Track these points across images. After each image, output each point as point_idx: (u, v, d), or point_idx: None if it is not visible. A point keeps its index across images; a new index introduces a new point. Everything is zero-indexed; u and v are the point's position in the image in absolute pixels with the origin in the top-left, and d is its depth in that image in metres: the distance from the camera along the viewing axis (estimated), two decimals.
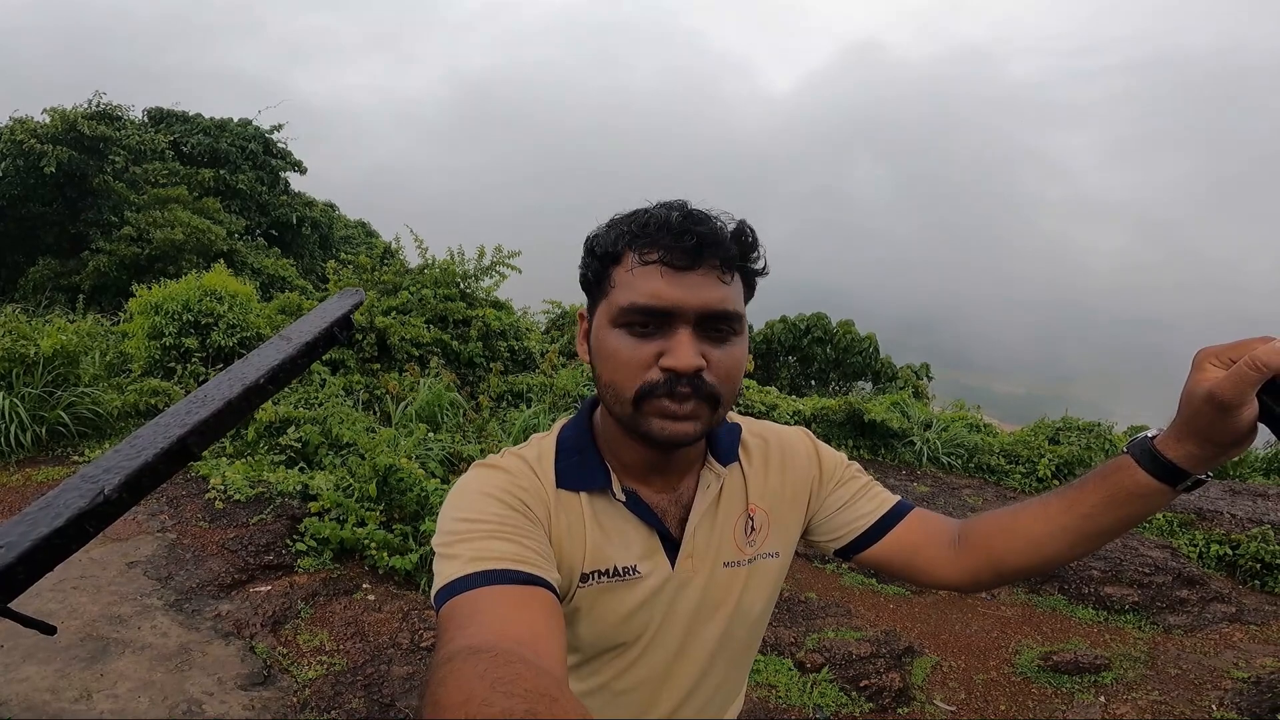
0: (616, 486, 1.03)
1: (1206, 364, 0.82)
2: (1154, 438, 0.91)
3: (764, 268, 1.00)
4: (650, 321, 0.91)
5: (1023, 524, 1.03)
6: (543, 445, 1.06)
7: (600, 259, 0.97)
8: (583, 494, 1.03)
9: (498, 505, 0.95)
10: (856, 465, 1.20)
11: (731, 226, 0.94)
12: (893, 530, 1.13)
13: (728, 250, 0.92)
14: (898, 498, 1.17)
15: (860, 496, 1.15)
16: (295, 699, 3.36)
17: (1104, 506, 0.94)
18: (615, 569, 1.02)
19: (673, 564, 1.04)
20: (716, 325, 0.92)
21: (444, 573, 0.87)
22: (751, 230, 0.96)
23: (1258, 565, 5.94)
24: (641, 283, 0.91)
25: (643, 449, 1.00)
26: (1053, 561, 1.02)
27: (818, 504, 1.16)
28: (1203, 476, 0.89)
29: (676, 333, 0.90)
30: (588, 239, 1.00)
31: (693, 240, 0.89)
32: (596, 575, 1.01)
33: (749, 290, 1.00)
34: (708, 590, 1.07)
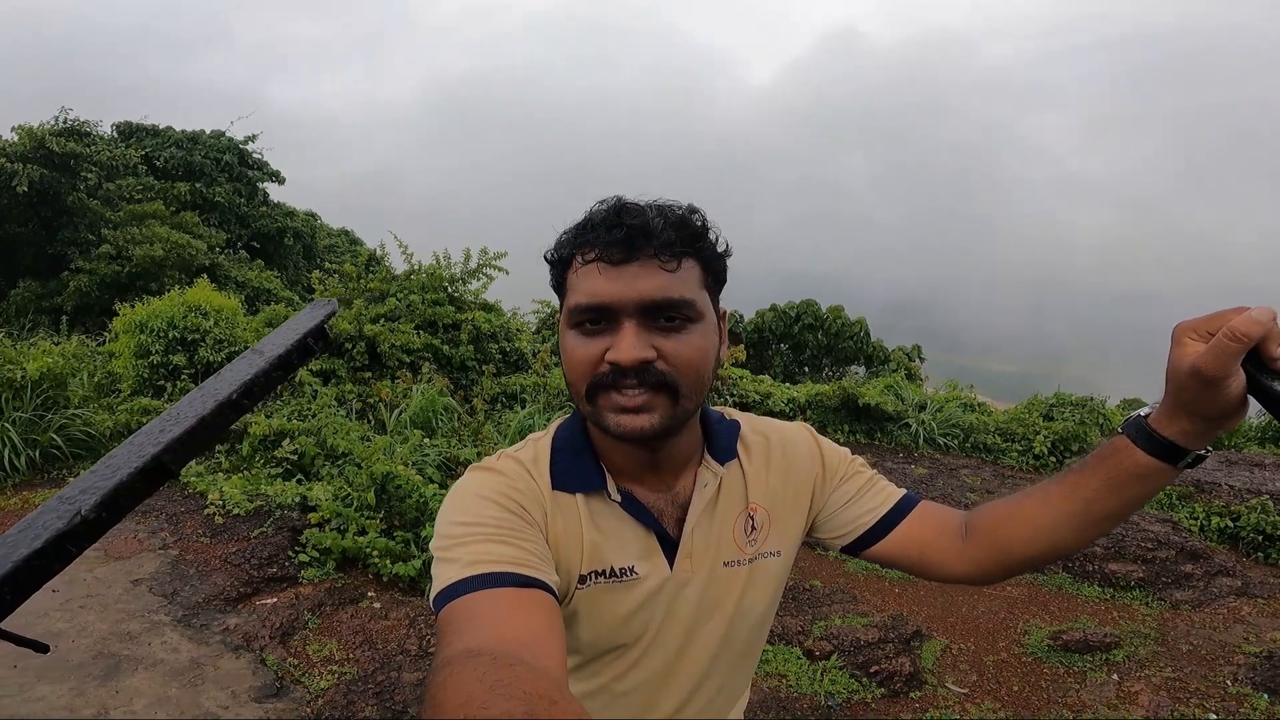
0: (611, 487, 1.02)
1: (1185, 339, 0.81)
2: (1148, 416, 0.90)
3: (726, 249, 1.00)
4: (599, 319, 0.92)
5: (1027, 513, 1.02)
6: (538, 447, 1.06)
7: (555, 266, 1.00)
8: (579, 495, 1.02)
9: (494, 508, 0.94)
10: (861, 460, 1.19)
11: (663, 213, 0.94)
12: (899, 525, 1.11)
13: (662, 237, 0.91)
14: (904, 491, 1.15)
15: (865, 492, 1.14)
16: (309, 709, 3.36)
17: (1106, 489, 0.93)
18: (613, 570, 1.01)
19: (671, 564, 1.04)
20: (664, 314, 0.92)
21: (442, 576, 0.86)
22: (698, 214, 0.96)
23: (1259, 537, 5.97)
24: (584, 282, 0.92)
25: (629, 448, 1.00)
26: (1061, 548, 1.01)
27: (822, 501, 1.14)
28: (1202, 452, 0.88)
29: (620, 326, 0.91)
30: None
31: (622, 233, 0.90)
32: (594, 576, 1.00)
33: (713, 276, 0.99)
34: (707, 590, 1.06)
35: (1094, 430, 9.10)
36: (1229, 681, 3.91)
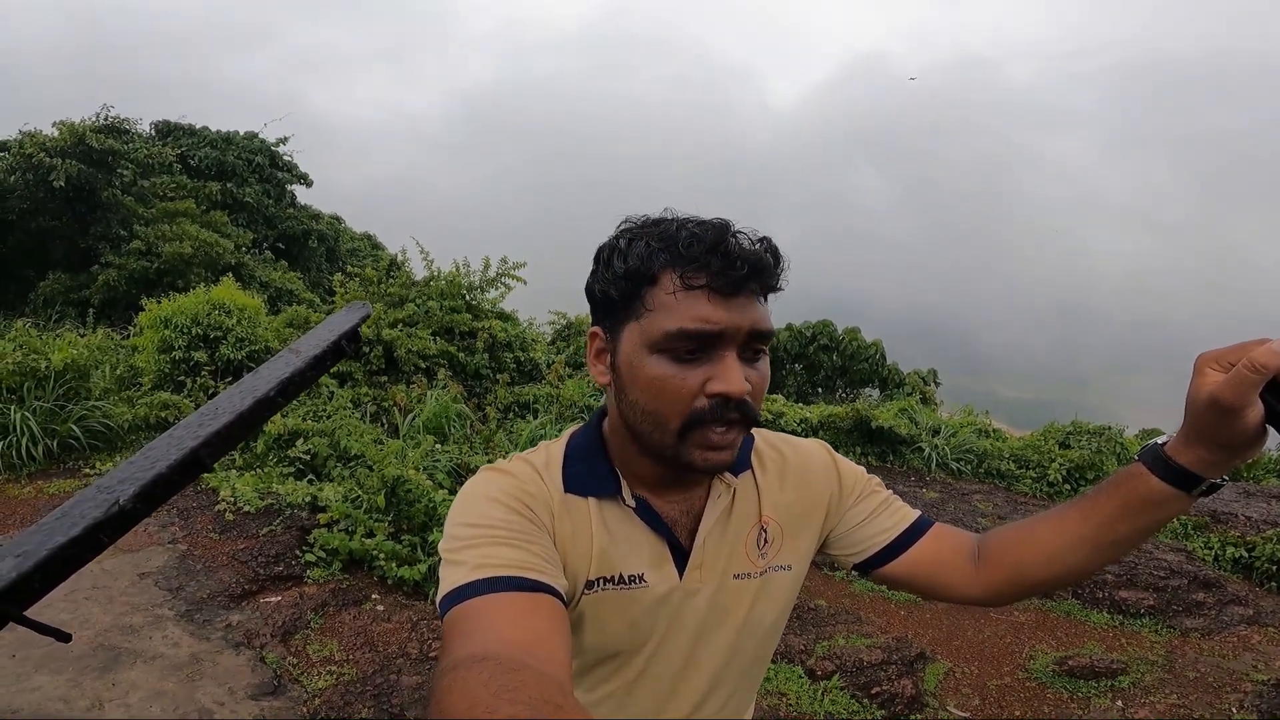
0: (627, 493, 1.01)
1: (1206, 369, 0.82)
2: (1165, 444, 0.90)
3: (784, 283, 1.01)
4: (700, 348, 0.89)
5: (1040, 536, 1.02)
6: (551, 451, 1.05)
7: (629, 278, 0.92)
8: (591, 500, 1.01)
9: (503, 510, 0.94)
10: (877, 479, 1.18)
11: (762, 246, 0.93)
12: (913, 546, 1.11)
13: (771, 275, 0.92)
14: (918, 513, 1.15)
15: (880, 512, 1.13)
16: (305, 709, 3.37)
17: (1120, 515, 0.94)
18: (621, 576, 1.00)
19: (681, 574, 1.03)
20: (756, 345, 0.92)
21: (449, 579, 0.86)
22: (778, 249, 0.96)
23: (1273, 567, 5.89)
24: (688, 308, 0.88)
25: (661, 467, 0.99)
26: (1073, 573, 1.01)
27: (836, 519, 1.14)
28: (1218, 481, 0.88)
29: (723, 357, 0.89)
30: (603, 251, 0.97)
31: (744, 269, 0.87)
32: (602, 582, 1.00)
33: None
34: (716, 601, 1.05)
35: (1110, 459, 8.99)
36: (1233, 709, 3.85)
